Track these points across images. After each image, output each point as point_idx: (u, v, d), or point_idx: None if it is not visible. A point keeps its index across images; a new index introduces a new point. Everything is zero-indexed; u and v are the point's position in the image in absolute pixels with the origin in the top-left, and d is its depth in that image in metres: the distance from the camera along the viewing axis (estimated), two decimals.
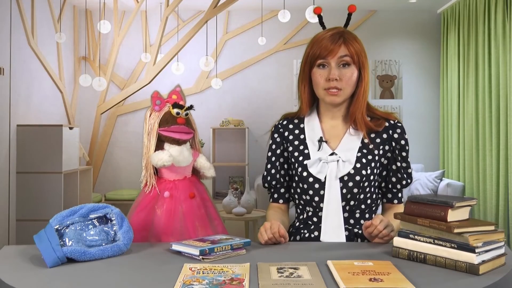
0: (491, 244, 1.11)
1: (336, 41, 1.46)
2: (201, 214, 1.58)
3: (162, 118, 1.55)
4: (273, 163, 1.60)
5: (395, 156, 1.54)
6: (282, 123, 1.62)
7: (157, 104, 1.57)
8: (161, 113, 1.56)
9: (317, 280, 1.02)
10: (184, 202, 1.54)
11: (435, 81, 5.94)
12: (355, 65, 1.48)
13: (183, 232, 1.51)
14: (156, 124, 1.54)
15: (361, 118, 1.50)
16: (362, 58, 1.48)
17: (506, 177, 4.28)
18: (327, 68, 1.47)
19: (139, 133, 5.97)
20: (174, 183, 1.57)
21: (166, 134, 1.55)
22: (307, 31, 5.81)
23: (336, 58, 1.46)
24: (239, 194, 4.63)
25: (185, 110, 1.57)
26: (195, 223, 1.55)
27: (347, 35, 1.48)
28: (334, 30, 1.50)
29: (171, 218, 1.52)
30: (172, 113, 1.56)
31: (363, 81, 1.50)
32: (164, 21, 4.98)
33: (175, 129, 1.54)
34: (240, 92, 6.00)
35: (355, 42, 1.48)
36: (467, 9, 5.06)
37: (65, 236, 1.22)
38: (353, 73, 1.47)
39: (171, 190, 1.55)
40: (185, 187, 1.57)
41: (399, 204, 1.57)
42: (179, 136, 1.55)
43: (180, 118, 1.55)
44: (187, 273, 1.07)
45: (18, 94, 4.36)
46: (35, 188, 4.21)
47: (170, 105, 1.57)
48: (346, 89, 1.48)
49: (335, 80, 1.46)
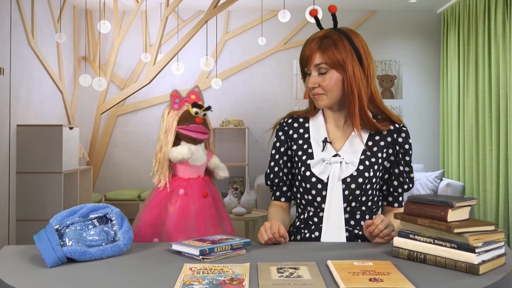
0: (491, 244, 1.11)
1: (312, 48, 1.45)
2: (212, 213, 1.60)
3: (181, 117, 1.58)
4: (276, 161, 1.60)
5: (398, 160, 1.53)
6: (287, 121, 1.62)
7: (176, 102, 1.60)
8: (180, 111, 1.59)
9: (317, 280, 1.02)
10: (197, 201, 1.57)
11: (435, 81, 5.95)
12: (335, 69, 1.44)
13: (194, 230, 1.52)
14: (174, 121, 1.58)
15: (357, 123, 1.46)
16: (341, 61, 1.42)
17: (506, 177, 4.28)
18: (310, 75, 1.48)
19: (139, 133, 5.98)
20: (189, 181, 1.60)
21: (184, 132, 1.58)
22: (307, 31, 5.81)
23: (313, 66, 1.46)
24: (239, 194, 4.63)
25: (204, 110, 1.61)
26: (206, 222, 1.57)
27: (326, 39, 1.44)
28: (318, 34, 1.48)
29: (183, 216, 1.54)
30: (191, 112, 1.59)
31: (346, 83, 1.44)
32: (164, 21, 4.98)
33: (193, 128, 1.58)
34: (240, 92, 6.00)
35: (331, 48, 1.43)
36: (467, 9, 5.05)
37: (65, 236, 1.22)
38: (331, 77, 1.44)
39: (186, 188, 1.57)
40: (199, 185, 1.60)
41: (400, 208, 1.56)
42: (196, 135, 1.58)
43: (198, 118, 1.59)
44: (187, 273, 1.07)
45: (18, 94, 4.36)
46: (35, 188, 4.21)
47: (189, 105, 1.60)
48: (330, 92, 1.46)
49: (315, 88, 1.46)
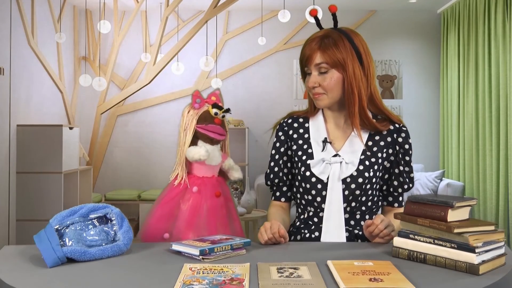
0: (491, 244, 1.11)
1: (313, 48, 1.45)
2: (223, 213, 1.61)
3: (201, 116, 1.62)
4: (276, 161, 1.60)
5: (398, 160, 1.53)
6: (287, 121, 1.62)
7: (197, 102, 1.64)
8: (200, 111, 1.63)
9: (317, 280, 1.02)
10: (209, 199, 1.59)
11: (435, 81, 5.94)
12: (335, 68, 1.44)
13: (205, 228, 1.54)
14: (194, 120, 1.61)
15: (357, 123, 1.47)
16: (342, 61, 1.43)
17: (506, 177, 4.28)
18: (310, 75, 1.48)
19: (139, 133, 5.98)
20: (203, 179, 1.62)
21: (202, 131, 1.61)
22: (307, 31, 5.80)
23: (313, 65, 1.46)
24: (239, 194, 4.62)
25: (223, 112, 1.64)
26: (217, 221, 1.58)
27: (326, 39, 1.44)
28: (318, 34, 1.48)
29: (195, 213, 1.56)
30: (211, 112, 1.62)
31: (347, 83, 1.44)
32: (164, 21, 4.98)
33: (212, 128, 1.61)
34: (240, 92, 6.00)
35: (331, 47, 1.43)
36: (467, 9, 5.05)
37: (65, 236, 1.22)
38: (332, 77, 1.44)
39: (199, 186, 1.60)
40: (213, 185, 1.62)
41: (400, 208, 1.56)
42: (214, 135, 1.62)
43: (217, 119, 1.62)
44: (187, 273, 1.07)
45: (18, 94, 4.36)
46: (35, 188, 4.21)
47: (210, 105, 1.64)
48: (330, 92, 1.46)
49: (315, 87, 1.46)
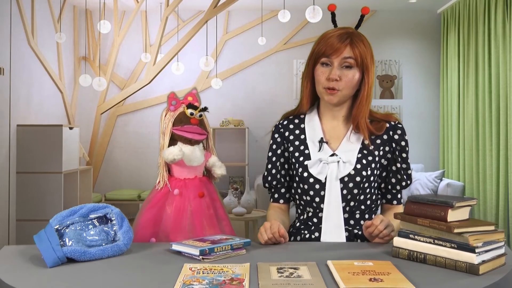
0: (491, 244, 1.11)
1: (343, 41, 1.44)
2: (209, 213, 1.60)
3: (176, 118, 1.60)
4: (273, 163, 1.60)
5: (395, 157, 1.53)
6: (282, 123, 1.62)
7: (172, 104, 1.62)
8: (176, 113, 1.61)
9: (317, 280, 1.02)
10: (193, 201, 1.58)
11: (435, 81, 5.94)
12: (358, 67, 1.45)
13: (191, 230, 1.53)
14: (170, 123, 1.60)
15: (363, 123, 1.48)
16: (367, 62, 1.46)
17: (506, 177, 4.28)
18: (330, 67, 1.46)
19: (139, 133, 5.98)
20: (184, 181, 1.61)
21: (179, 133, 1.59)
22: (307, 31, 5.79)
23: (340, 58, 1.44)
24: (239, 194, 4.63)
25: (199, 111, 1.62)
26: (203, 222, 1.57)
27: (355, 36, 1.46)
28: (344, 29, 1.48)
29: (179, 216, 1.56)
30: (186, 113, 1.61)
31: (366, 85, 1.48)
32: (164, 21, 4.98)
33: (187, 128, 1.59)
34: (240, 92, 6.00)
35: (361, 45, 1.45)
36: (467, 9, 5.05)
37: (65, 236, 1.22)
38: (354, 75, 1.45)
39: (181, 188, 1.59)
40: (195, 186, 1.61)
41: (399, 205, 1.56)
42: (191, 136, 1.60)
43: (193, 119, 1.60)
44: (187, 273, 1.07)
45: (18, 94, 4.37)
46: (35, 188, 4.21)
47: (185, 106, 1.62)
48: (344, 90, 1.46)
49: (335, 80, 1.45)
